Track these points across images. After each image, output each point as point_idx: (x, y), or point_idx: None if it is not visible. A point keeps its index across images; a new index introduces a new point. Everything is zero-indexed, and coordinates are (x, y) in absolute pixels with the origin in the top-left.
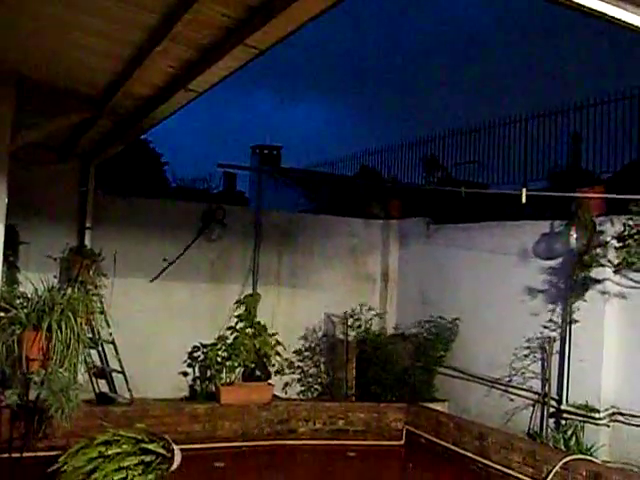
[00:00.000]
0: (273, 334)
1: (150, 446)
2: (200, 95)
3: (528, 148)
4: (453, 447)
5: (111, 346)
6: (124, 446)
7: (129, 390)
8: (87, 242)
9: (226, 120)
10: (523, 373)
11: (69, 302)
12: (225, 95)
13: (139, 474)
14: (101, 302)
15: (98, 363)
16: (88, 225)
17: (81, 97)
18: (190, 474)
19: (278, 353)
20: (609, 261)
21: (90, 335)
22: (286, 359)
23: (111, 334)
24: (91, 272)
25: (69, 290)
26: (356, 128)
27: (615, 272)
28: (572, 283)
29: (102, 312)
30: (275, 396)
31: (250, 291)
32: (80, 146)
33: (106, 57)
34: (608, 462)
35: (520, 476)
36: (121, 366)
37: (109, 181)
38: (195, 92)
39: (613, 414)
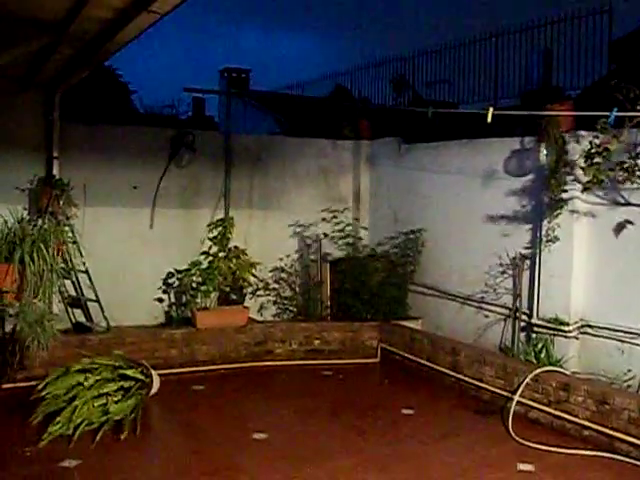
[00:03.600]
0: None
1: (128, 372)
2: (163, 16)
3: (499, 66)
4: (427, 363)
5: (85, 275)
6: (102, 373)
7: (105, 318)
8: (55, 172)
9: (194, 45)
10: (494, 289)
11: (40, 233)
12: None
13: (118, 400)
14: (72, 232)
15: (73, 293)
16: (55, 155)
17: (40, 24)
18: (169, 398)
19: (254, 274)
20: (575, 180)
21: (63, 265)
22: (262, 280)
23: (84, 263)
24: (61, 202)
25: (39, 221)
26: (327, 49)
27: (583, 190)
28: (542, 200)
29: (74, 242)
30: (251, 319)
31: (222, 216)
32: (43, 74)
33: None
34: (577, 373)
35: (492, 389)
36: (96, 295)
37: (76, 110)
38: (157, 13)
39: (582, 327)
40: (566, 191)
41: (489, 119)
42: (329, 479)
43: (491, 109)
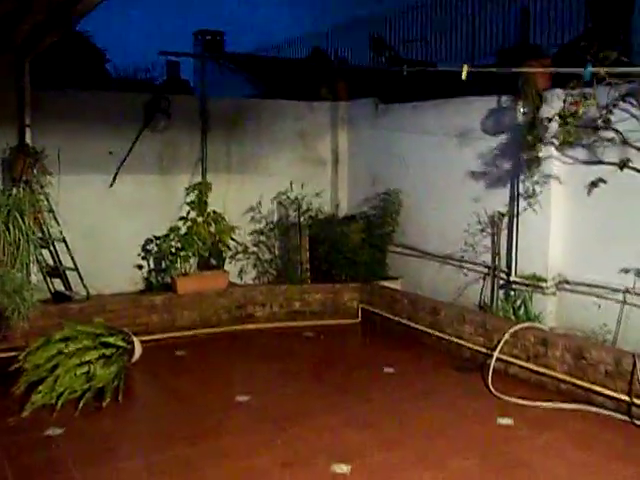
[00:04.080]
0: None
1: (110, 339)
2: None
3: (476, 24)
4: (408, 322)
5: (62, 244)
6: (84, 341)
7: (85, 287)
8: (28, 140)
9: (168, 8)
10: (474, 248)
11: (15, 202)
12: None
13: (101, 367)
14: (48, 200)
15: (51, 262)
16: (27, 122)
17: None
18: (151, 364)
19: (233, 238)
20: (552, 138)
21: (40, 234)
22: (241, 244)
23: (61, 232)
24: (35, 170)
25: (14, 190)
26: (303, 10)
27: (558, 149)
28: (520, 159)
29: (50, 210)
30: (231, 283)
31: (199, 180)
32: (12, 40)
33: None
34: (555, 328)
35: (472, 346)
36: (74, 263)
37: (48, 77)
38: None
39: (559, 283)
40: (542, 149)
41: (464, 76)
42: (313, 438)
43: (466, 66)
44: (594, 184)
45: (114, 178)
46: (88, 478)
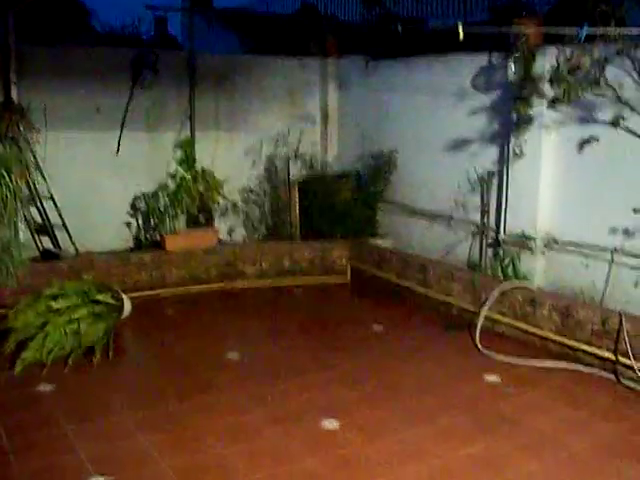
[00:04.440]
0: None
1: (99, 297)
2: None
3: None
4: (397, 280)
5: (50, 202)
6: (73, 298)
7: (73, 244)
8: (14, 97)
9: None
10: (463, 206)
11: (1, 160)
12: None
13: (90, 324)
14: (35, 157)
15: (39, 220)
16: (13, 79)
17: None
18: (141, 321)
19: (223, 196)
20: (543, 96)
21: (27, 192)
22: (230, 200)
23: (49, 190)
24: (21, 127)
25: (0, 148)
26: None
27: (549, 106)
28: (510, 117)
29: (37, 167)
30: (220, 240)
31: (187, 137)
32: None
33: None
34: (543, 287)
35: (461, 304)
36: (63, 221)
37: (32, 32)
38: None
39: (548, 242)
40: (533, 107)
41: (461, 36)
42: (303, 394)
43: (460, 24)
44: (585, 142)
45: (118, 144)
46: (79, 433)
